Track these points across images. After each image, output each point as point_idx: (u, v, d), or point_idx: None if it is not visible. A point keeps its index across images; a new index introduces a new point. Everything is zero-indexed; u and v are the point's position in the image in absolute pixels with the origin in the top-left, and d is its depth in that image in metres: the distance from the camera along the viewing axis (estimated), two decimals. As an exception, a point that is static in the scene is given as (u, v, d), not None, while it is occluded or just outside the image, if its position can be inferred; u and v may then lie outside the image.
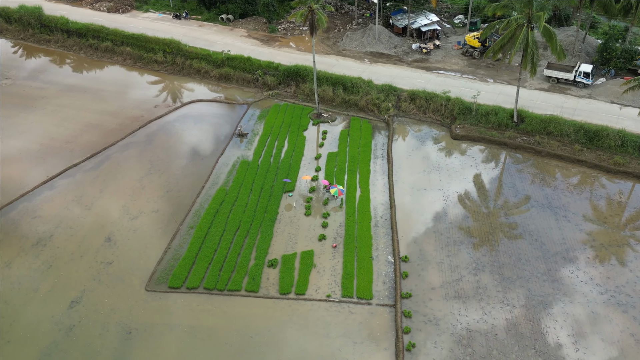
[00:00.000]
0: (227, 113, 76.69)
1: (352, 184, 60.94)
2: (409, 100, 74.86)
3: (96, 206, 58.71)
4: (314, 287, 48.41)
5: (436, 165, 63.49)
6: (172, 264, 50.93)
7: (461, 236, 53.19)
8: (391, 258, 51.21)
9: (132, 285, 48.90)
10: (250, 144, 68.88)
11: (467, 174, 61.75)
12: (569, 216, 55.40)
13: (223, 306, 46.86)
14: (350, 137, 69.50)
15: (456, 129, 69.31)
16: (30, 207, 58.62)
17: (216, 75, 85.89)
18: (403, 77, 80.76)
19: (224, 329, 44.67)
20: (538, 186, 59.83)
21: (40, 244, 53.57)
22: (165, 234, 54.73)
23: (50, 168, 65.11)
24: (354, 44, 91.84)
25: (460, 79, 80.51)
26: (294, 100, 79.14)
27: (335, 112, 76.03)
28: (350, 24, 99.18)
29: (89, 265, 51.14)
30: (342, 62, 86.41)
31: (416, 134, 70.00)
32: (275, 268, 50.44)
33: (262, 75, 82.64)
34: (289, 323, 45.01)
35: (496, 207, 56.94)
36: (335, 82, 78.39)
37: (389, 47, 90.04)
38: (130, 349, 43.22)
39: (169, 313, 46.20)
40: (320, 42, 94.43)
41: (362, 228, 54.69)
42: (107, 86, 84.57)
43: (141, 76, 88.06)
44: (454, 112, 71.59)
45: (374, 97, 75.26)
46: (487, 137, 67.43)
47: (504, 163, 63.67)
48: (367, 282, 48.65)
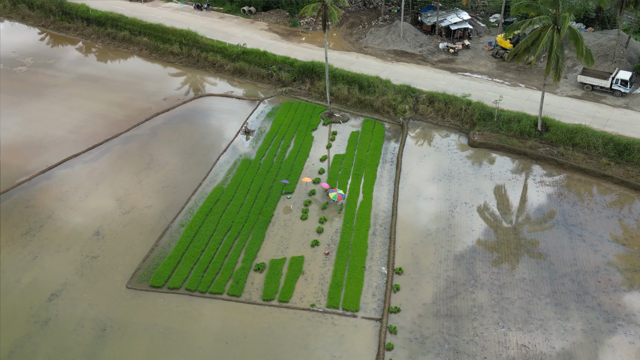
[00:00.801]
0: (236, 109, 77.59)
1: (355, 188, 60.74)
2: (428, 102, 74.09)
3: (90, 198, 60.33)
4: (299, 294, 48.49)
5: (447, 174, 62.63)
6: (157, 262, 51.90)
7: (463, 250, 52.34)
8: (385, 269, 50.76)
9: (114, 282, 50.05)
10: (255, 142, 69.52)
11: (479, 185, 60.67)
12: (585, 235, 53.75)
13: (202, 309, 47.42)
14: (360, 139, 69.28)
15: (474, 136, 68.18)
16: (25, 196, 60.71)
17: (231, 69, 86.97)
18: (425, 78, 79.95)
19: (200, 333, 45.20)
20: (555, 201, 58.29)
21: (29, 234, 55.39)
22: (154, 231, 55.78)
23: (51, 157, 67.25)
24: (378, 41, 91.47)
25: (486, 82, 79.15)
26: (307, 98, 79.42)
27: (348, 112, 75.90)
28: (376, 19, 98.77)
29: (74, 258, 52.60)
30: (362, 60, 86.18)
31: (431, 139, 69.24)
32: (262, 272, 50.77)
33: (276, 70, 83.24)
34: (268, 331, 45.22)
35: (506, 221, 55.75)
36: (351, 80, 78.29)
37: (414, 46, 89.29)
38: (102, 346, 44.27)
39: (146, 312, 47.10)
40: (342, 38, 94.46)
41: (358, 236, 54.47)
42: (119, 76, 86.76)
43: (155, 68, 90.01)
44: (473, 117, 70.46)
45: (391, 98, 74.80)
46: (506, 146, 66.10)
47: (522, 174, 62.29)
48: (355, 293, 48.43)
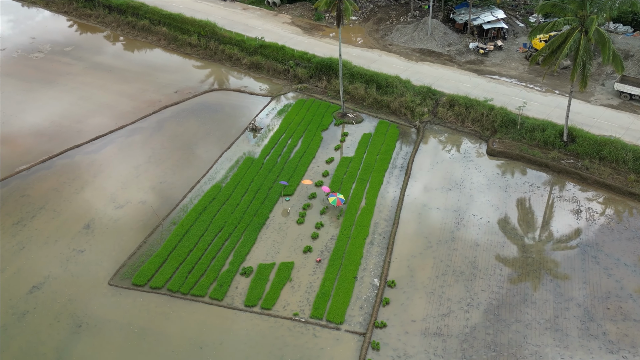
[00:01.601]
0: (247, 105, 78.35)
1: (358, 194, 60.54)
2: (448, 106, 73.22)
3: (86, 191, 62.00)
4: (283, 302, 48.70)
5: (459, 183, 61.73)
6: (142, 260, 52.93)
7: (463, 266, 51.52)
8: (377, 281, 50.38)
9: (97, 277, 51.32)
10: (261, 140, 70.07)
11: (491, 196, 59.60)
12: (600, 257, 52.15)
13: (182, 311, 48.13)
14: (372, 142, 69.00)
15: (493, 144, 66.98)
16: (22, 185, 62.86)
17: (247, 63, 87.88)
18: (448, 80, 79.00)
19: (175, 336, 45.91)
20: (572, 218, 56.76)
21: (20, 224, 57.32)
22: (145, 228, 56.91)
23: (54, 147, 69.43)
24: (404, 38, 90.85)
25: (515, 86, 77.64)
26: (323, 96, 79.54)
27: (364, 112, 75.70)
28: (405, 16, 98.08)
29: (61, 251, 54.14)
30: (384, 58, 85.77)
31: (447, 144, 68.33)
32: (249, 277, 51.21)
33: (293, 66, 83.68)
34: (245, 339, 45.58)
35: (515, 237, 54.61)
36: (369, 79, 78.07)
37: (442, 45, 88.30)
38: (75, 343, 45.46)
39: (124, 311, 48.11)
40: (367, 34, 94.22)
41: (354, 244, 54.29)
42: (133, 67, 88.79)
43: (171, 59, 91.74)
44: (495, 123, 69.14)
45: (409, 99, 74.21)
46: (527, 156, 64.70)
47: (539, 188, 60.82)
48: (342, 304, 48.29)
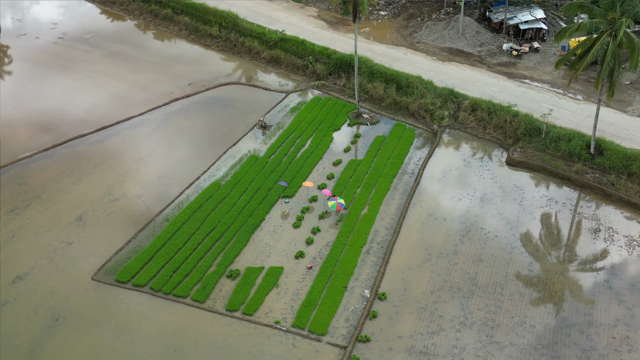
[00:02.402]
0: (260, 100, 79.04)
1: (361, 199, 60.39)
2: (470, 110, 72.18)
3: (83, 181, 63.75)
4: (266, 309, 49.01)
5: (471, 193, 60.85)
6: (129, 256, 54.12)
7: (462, 282, 50.79)
8: (368, 292, 50.18)
9: (81, 271, 52.72)
10: (269, 138, 70.60)
11: (505, 209, 58.55)
12: (613, 282, 50.59)
13: (161, 311, 48.99)
14: (384, 144, 68.68)
15: (514, 153, 65.73)
16: (21, 173, 65.11)
17: (266, 57, 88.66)
18: (475, 82, 77.93)
19: (150, 336, 46.78)
20: (588, 237, 55.27)
21: (13, 212, 59.38)
22: (137, 223, 58.16)
23: (60, 135, 71.63)
24: (433, 36, 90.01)
25: (546, 92, 75.99)
26: (340, 94, 79.58)
27: (381, 113, 75.43)
28: (437, 12, 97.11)
29: (49, 242, 55.83)
30: (410, 57, 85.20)
31: (464, 151, 67.41)
32: (234, 280, 51.68)
33: (313, 62, 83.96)
34: (221, 344, 46.08)
35: (522, 254, 53.54)
36: (389, 78, 77.68)
37: (473, 45, 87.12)
38: (50, 336, 46.84)
39: (103, 308, 49.28)
40: (395, 31, 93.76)
41: (349, 252, 54.19)
42: (150, 57, 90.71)
43: (189, 50, 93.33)
44: (518, 131, 67.80)
45: (429, 101, 73.52)
46: (548, 168, 63.27)
47: (558, 202, 59.42)
48: (327, 315, 48.28)
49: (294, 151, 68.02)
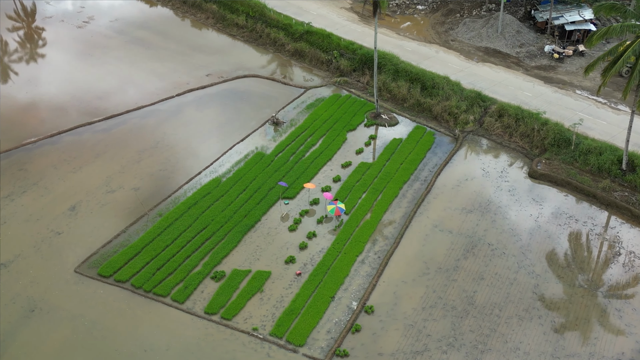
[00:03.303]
0: (277, 95, 79.65)
1: (365, 205, 60.23)
2: (497, 116, 70.87)
3: (83, 170, 65.72)
4: (246, 314, 49.53)
5: (484, 206, 59.85)
6: (115, 250, 55.51)
7: (458, 300, 50.10)
8: (356, 304, 50.08)
9: (65, 263, 54.40)
10: (279, 135, 71.11)
11: (518, 225, 57.45)
12: (625, 311, 49.03)
13: (138, 309, 50.11)
14: (400, 148, 68.25)
15: (538, 164, 64.26)
16: (23, 158, 67.60)
17: (291, 49, 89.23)
18: (507, 86, 76.50)
19: (123, 334, 47.92)
20: (606, 262, 53.61)
21: (9, 198, 61.73)
22: (130, 216, 59.60)
23: (68, 122, 73.96)
24: (470, 34, 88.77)
25: (584, 100, 73.98)
26: (362, 92, 79.42)
27: (402, 115, 74.96)
28: (478, 9, 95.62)
29: (39, 230, 57.81)
30: (441, 55, 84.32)
31: (485, 160, 66.30)
32: (218, 282, 52.36)
33: (337, 57, 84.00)
34: (193, 348, 46.78)
35: (529, 275, 52.48)
36: (414, 77, 77.02)
37: (512, 45, 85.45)
38: (23, 327, 48.54)
39: (81, 301, 50.78)
40: (430, 27, 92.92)
41: (343, 260, 54.18)
42: (172, 45, 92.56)
43: (213, 39, 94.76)
44: (546, 141, 66.21)
45: (454, 104, 72.61)
46: (573, 182, 61.62)
47: (578, 221, 57.89)
48: (308, 325, 48.45)
49: (302, 150, 68.24)
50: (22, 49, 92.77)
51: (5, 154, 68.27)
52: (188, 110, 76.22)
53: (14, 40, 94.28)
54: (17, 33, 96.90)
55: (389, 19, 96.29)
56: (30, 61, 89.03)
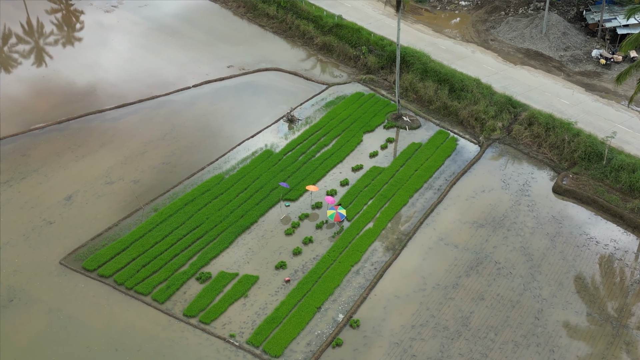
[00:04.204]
0: (297, 91, 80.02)
1: (370, 212, 60.02)
2: (526, 124, 69.37)
3: (86, 159, 67.61)
4: (226, 319, 50.06)
5: (498, 220, 58.79)
6: (104, 243, 56.89)
7: (451, 320, 49.45)
8: (342, 317, 50.00)
9: (52, 253, 56.07)
10: (292, 133, 71.49)
11: (531, 243, 56.29)
12: (636, 346, 47.22)
13: (116, 307, 51.27)
14: (417, 153, 67.66)
15: (564, 179, 62.62)
16: (28, 144, 70.04)
17: (319, 43, 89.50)
18: (543, 92, 74.84)
19: (97, 331, 49.10)
20: (623, 290, 52.12)
21: (7, 184, 64.06)
22: (125, 209, 61.01)
23: (79, 108, 76.15)
24: (512, 34, 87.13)
25: (627, 111, 71.67)
26: (387, 92, 79.11)
27: (425, 118, 74.21)
28: (525, 7, 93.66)
29: (31, 219, 59.78)
30: (477, 56, 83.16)
31: (507, 171, 65.02)
32: (203, 283, 53.04)
33: (365, 52, 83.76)
34: (165, 351, 47.60)
35: (534, 298, 51.43)
36: (443, 78, 76.14)
37: (556, 48, 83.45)
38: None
39: (60, 294, 52.28)
40: (471, 25, 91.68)
41: (336, 270, 54.15)
42: (198, 34, 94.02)
43: (241, 29, 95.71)
44: (576, 154, 64.46)
45: (481, 109, 71.44)
46: (600, 201, 59.85)
47: (599, 244, 56.23)
48: (288, 335, 48.62)
49: (313, 150, 68.32)
50: (53, 32, 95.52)
51: (11, 138, 70.63)
52: (202, 102, 77.32)
53: (41, 22, 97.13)
54: (55, 16, 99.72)
55: (428, 15, 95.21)
56: (53, 45, 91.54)
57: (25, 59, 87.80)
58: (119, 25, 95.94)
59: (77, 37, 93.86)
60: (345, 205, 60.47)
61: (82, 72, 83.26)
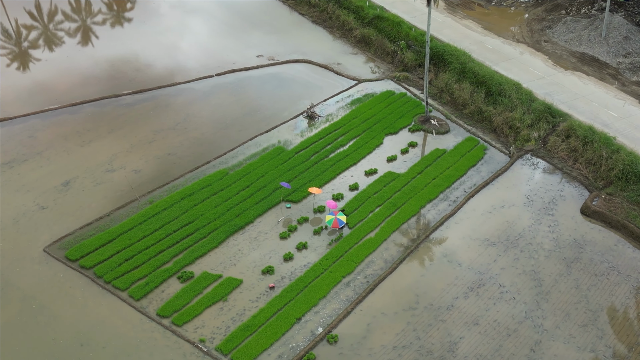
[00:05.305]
0: (324, 85, 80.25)
1: (374, 221, 59.76)
2: (564, 135, 67.45)
3: (92, 145, 69.82)
4: (199, 322, 50.84)
5: (512, 240, 57.54)
6: (91, 233, 58.66)
7: (438, 344, 48.79)
8: (322, 331, 50.13)
9: (38, 240, 58.19)
10: (309, 130, 71.83)
11: (544, 268, 54.91)
12: (639, 390, 45.42)
13: (90, 300, 52.81)
14: (439, 160, 66.91)
15: (594, 200, 60.65)
16: (37, 125, 72.84)
17: (358, 35, 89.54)
18: (591, 101, 72.60)
19: (66, 324, 50.68)
20: (635, 326, 49.88)
21: (8, 165, 66.86)
22: (120, 199, 62.72)
23: (98, 91, 78.67)
24: (568, 36, 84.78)
25: (683, 128, 68.67)
26: (421, 91, 78.23)
27: (457, 122, 73.21)
28: (588, 7, 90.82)
29: (25, 202, 62.21)
30: (525, 58, 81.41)
31: (534, 186, 63.45)
32: (184, 283, 54.05)
33: (403, 48, 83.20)
34: (131, 350, 48.69)
35: (534, 328, 50.09)
36: (480, 80, 74.89)
37: (615, 53, 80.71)
38: (-26, 302, 52.61)
39: (38, 283, 54.21)
40: (525, 24, 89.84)
41: (325, 279, 54.20)
42: (233, 20, 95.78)
43: (280, 17, 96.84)
44: (612, 172, 62.34)
45: (517, 117, 69.91)
46: (630, 227, 57.81)
47: (621, 273, 54.45)
48: (260, 345, 48.99)
49: (328, 150, 68.42)
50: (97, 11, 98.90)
51: (22, 118, 73.42)
52: (222, 92, 78.50)
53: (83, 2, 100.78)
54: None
55: (480, 10, 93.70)
56: (83, 27, 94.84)
57: (72, 38, 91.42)
58: (149, 7, 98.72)
59: (107, 18, 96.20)
60: (350, 212, 60.18)
61: (105, 55, 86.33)
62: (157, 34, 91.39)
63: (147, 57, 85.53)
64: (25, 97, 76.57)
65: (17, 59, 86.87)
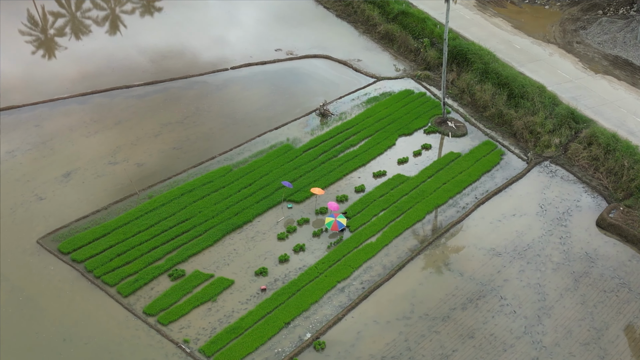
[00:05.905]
0: (341, 82, 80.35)
1: (378, 224, 59.65)
2: (586, 143, 66.40)
3: (97, 136, 71.03)
4: (185, 323, 51.38)
5: (519, 251, 56.90)
6: (86, 226, 59.69)
7: (429, 357, 48.63)
8: (310, 336, 50.30)
9: (32, 231, 59.35)
10: (320, 128, 71.97)
11: (550, 281, 54.22)
12: (637, 415, 44.59)
13: (78, 295, 53.69)
14: (452, 165, 66.46)
15: (611, 212, 59.61)
16: (44, 114, 74.35)
17: (382, 31, 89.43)
18: (619, 108, 71.39)
19: (51, 318, 51.59)
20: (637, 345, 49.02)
21: (11, 154, 68.38)
22: (120, 192, 63.64)
23: (108, 82, 79.92)
24: (602, 37, 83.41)
25: None
26: (441, 92, 77.64)
27: (475, 125, 72.61)
28: (627, 7, 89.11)
29: (23, 192, 63.57)
30: (554, 60, 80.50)
31: (549, 196, 62.55)
32: (174, 281, 54.71)
33: (427, 45, 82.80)
34: (113, 348, 49.41)
35: (532, 344, 49.45)
36: (503, 82, 74.14)
37: (650, 58, 78.99)
38: (-39, 293, 53.96)
39: (27, 275, 55.33)
40: (558, 24, 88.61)
41: (319, 284, 54.30)
42: (257, 12, 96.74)
43: (304, 9, 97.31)
44: (634, 183, 61.20)
45: (538, 121, 69.05)
46: (648, 241, 56.52)
47: (631, 291, 53.47)
48: (245, 349, 49.29)
49: (337, 150, 68.44)
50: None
51: (31, 107, 74.91)
52: (234, 87, 79.07)
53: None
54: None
55: (512, 8, 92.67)
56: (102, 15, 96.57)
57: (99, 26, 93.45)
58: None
59: (135, 6, 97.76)
60: (352, 215, 60.07)
61: (123, 44, 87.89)
62: (175, 24, 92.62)
63: (161, 48, 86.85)
64: (35, 86, 77.95)
65: (42, 47, 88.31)
